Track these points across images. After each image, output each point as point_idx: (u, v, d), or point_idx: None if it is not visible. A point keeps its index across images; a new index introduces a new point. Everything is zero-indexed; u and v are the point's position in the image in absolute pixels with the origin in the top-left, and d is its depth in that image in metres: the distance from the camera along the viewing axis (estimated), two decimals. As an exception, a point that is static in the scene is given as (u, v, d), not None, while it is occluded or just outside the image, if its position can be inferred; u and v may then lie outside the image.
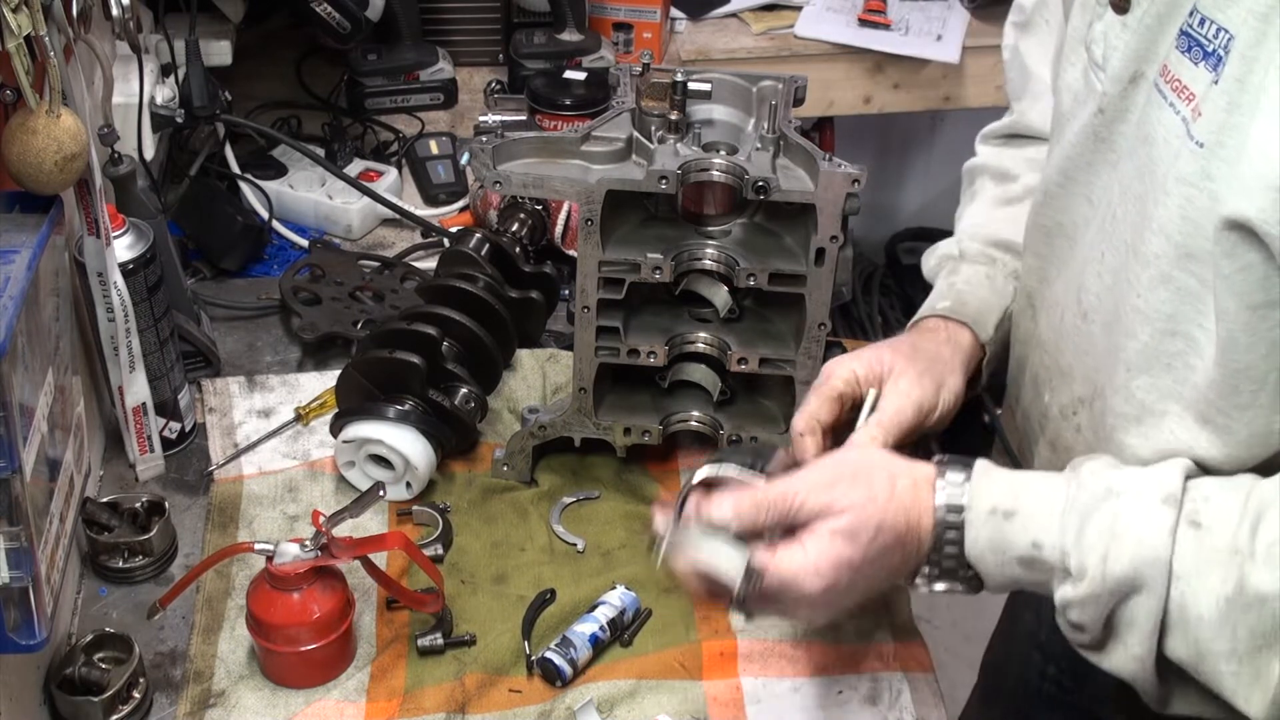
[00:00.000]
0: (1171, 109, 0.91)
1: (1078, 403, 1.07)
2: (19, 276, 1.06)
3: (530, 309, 1.54)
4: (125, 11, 1.29)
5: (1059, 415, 1.10)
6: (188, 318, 1.54)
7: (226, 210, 1.75)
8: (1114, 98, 0.98)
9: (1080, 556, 0.91)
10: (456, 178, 1.90)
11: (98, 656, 1.22)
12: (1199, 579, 0.87)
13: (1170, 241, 0.91)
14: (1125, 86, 0.97)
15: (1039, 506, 0.94)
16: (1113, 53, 0.98)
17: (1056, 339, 1.10)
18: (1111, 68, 0.98)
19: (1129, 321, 0.96)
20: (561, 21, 2.10)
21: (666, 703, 1.21)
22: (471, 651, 1.27)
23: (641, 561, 1.36)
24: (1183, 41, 0.91)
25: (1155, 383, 0.95)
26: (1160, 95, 0.93)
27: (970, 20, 2.41)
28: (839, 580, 0.98)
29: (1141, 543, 0.89)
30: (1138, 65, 0.96)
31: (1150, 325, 0.94)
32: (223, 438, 1.49)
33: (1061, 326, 1.08)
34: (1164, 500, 0.90)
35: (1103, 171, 1.02)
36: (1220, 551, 0.87)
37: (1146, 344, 0.95)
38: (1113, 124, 0.99)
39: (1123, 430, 0.99)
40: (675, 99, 1.28)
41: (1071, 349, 1.07)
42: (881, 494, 0.99)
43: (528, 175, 1.28)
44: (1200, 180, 0.88)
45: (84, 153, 1.13)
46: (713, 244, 1.32)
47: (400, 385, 1.40)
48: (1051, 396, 1.11)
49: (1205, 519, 0.89)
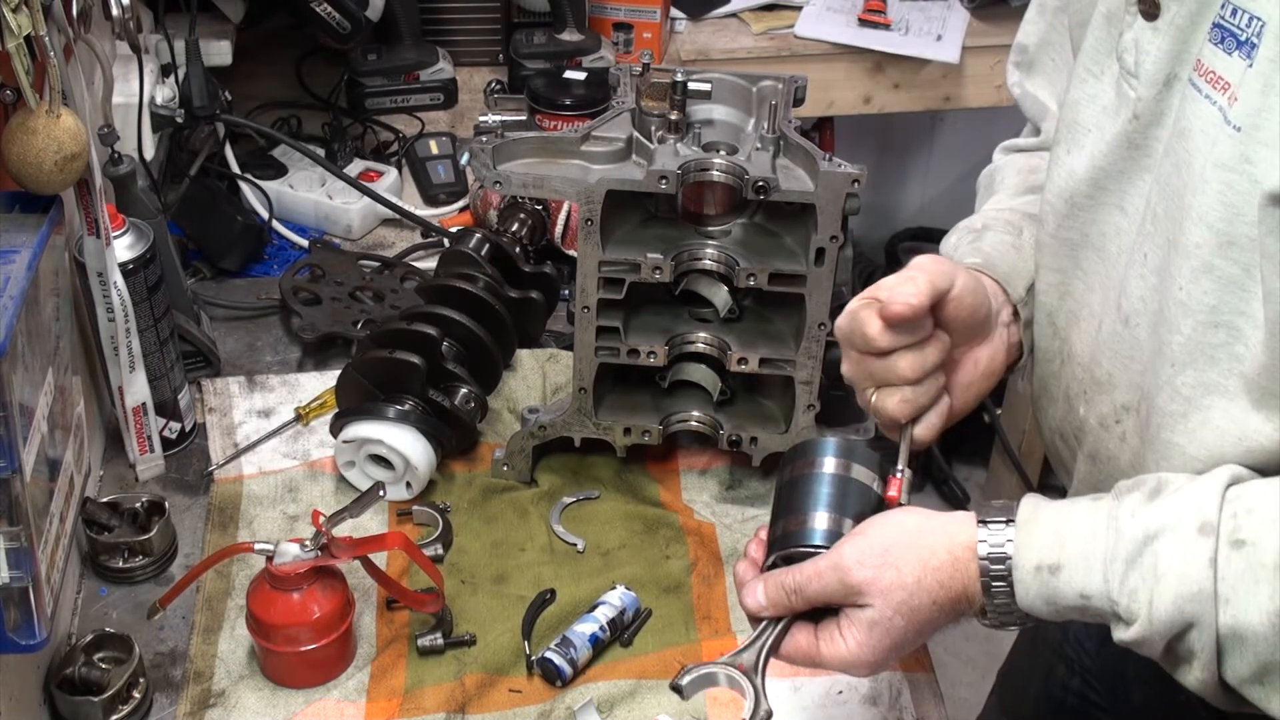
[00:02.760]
0: (1208, 101, 0.90)
1: (1121, 411, 1.05)
2: (19, 276, 1.06)
3: (530, 309, 1.54)
4: (125, 11, 1.29)
5: (1099, 426, 1.08)
6: (188, 318, 1.54)
7: (226, 210, 1.75)
8: (1149, 102, 0.97)
9: (1127, 603, 0.90)
10: (456, 178, 1.90)
11: (98, 656, 1.22)
12: (1249, 598, 0.86)
13: (1211, 230, 0.90)
14: (1160, 89, 0.96)
15: (1082, 559, 0.93)
16: (1145, 58, 0.97)
17: (1092, 350, 1.07)
18: (1145, 73, 0.97)
19: (1172, 316, 0.95)
20: (561, 21, 2.10)
21: (666, 703, 1.21)
22: (471, 651, 1.27)
23: (641, 561, 1.36)
24: (1215, 34, 0.90)
25: (1200, 376, 0.94)
26: (1195, 90, 0.92)
27: (970, 20, 2.40)
28: (887, 657, 0.99)
29: (1183, 580, 0.88)
30: (1172, 67, 0.95)
31: (1193, 317, 0.93)
32: (223, 438, 1.49)
33: (1099, 337, 1.06)
34: (1200, 530, 0.89)
35: (1137, 178, 1.01)
36: (1267, 568, 0.86)
37: (1190, 337, 0.94)
38: (1148, 128, 0.98)
39: (1169, 429, 0.97)
40: (675, 99, 1.28)
41: (1111, 357, 1.05)
42: (910, 577, 0.96)
43: (528, 175, 1.28)
44: (1239, 164, 0.87)
45: (84, 153, 1.13)
46: (713, 244, 1.32)
47: (400, 385, 1.40)
48: (1088, 409, 1.09)
49: (1249, 534, 0.87)
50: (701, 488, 1.46)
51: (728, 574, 1.35)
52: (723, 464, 1.48)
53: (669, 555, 1.37)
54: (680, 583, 1.34)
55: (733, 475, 1.47)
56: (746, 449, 1.41)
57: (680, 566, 1.36)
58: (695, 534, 1.40)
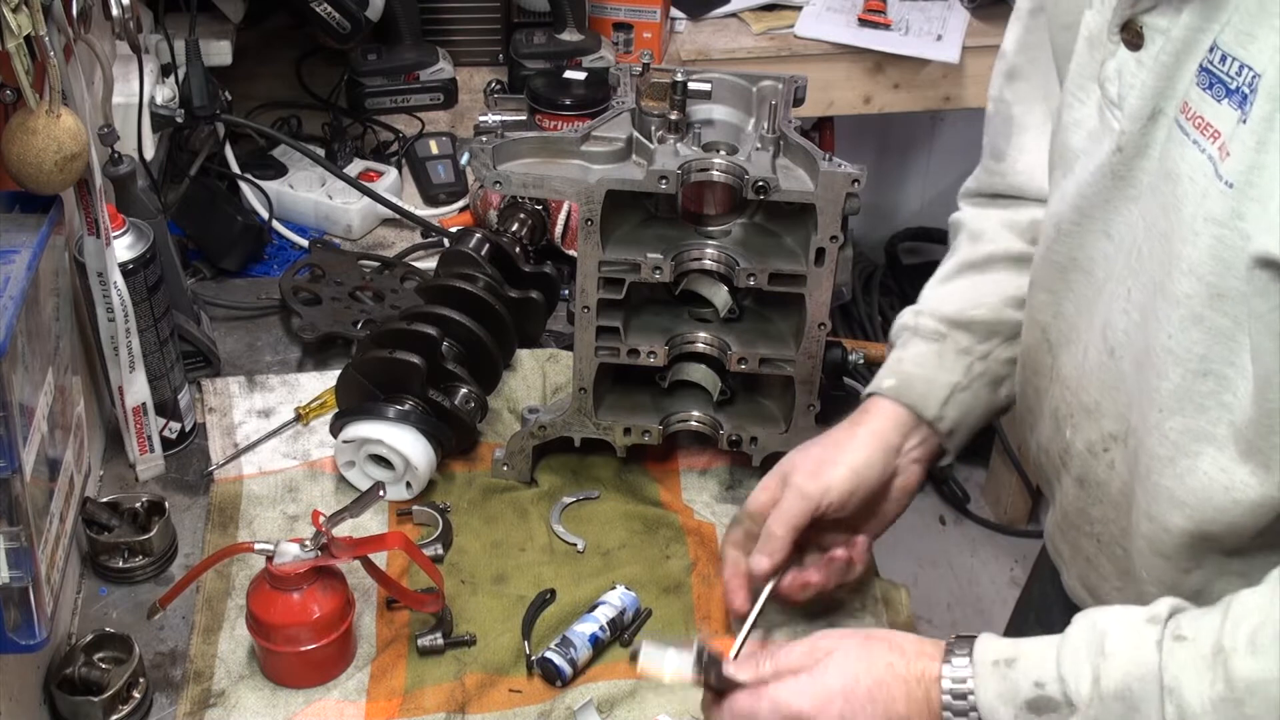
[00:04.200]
0: (1196, 147, 0.90)
1: (1109, 439, 1.06)
2: (19, 276, 1.06)
3: (530, 309, 1.54)
4: (125, 11, 1.29)
5: (1086, 452, 1.09)
6: (188, 318, 1.54)
7: (226, 210, 1.75)
8: (1133, 135, 0.97)
9: (1076, 683, 0.92)
10: (456, 178, 1.90)
11: (98, 656, 1.22)
12: (1190, 688, 0.87)
13: (1201, 281, 0.90)
14: (1144, 124, 0.96)
15: (1036, 648, 0.95)
16: (1129, 91, 0.97)
17: (1079, 375, 1.08)
18: (1129, 106, 0.97)
19: (1160, 362, 0.95)
20: (561, 21, 2.10)
21: (666, 703, 1.21)
22: (471, 651, 1.27)
23: (641, 561, 1.36)
24: (1203, 78, 0.89)
25: (1188, 423, 0.95)
26: (1182, 133, 0.91)
27: (970, 20, 2.41)
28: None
29: (1131, 659, 0.90)
30: (1156, 102, 0.95)
31: (1182, 366, 0.93)
32: (223, 438, 1.49)
33: (1085, 363, 1.07)
34: (1149, 620, 0.91)
35: (1122, 207, 1.00)
36: (1205, 657, 0.87)
37: (1179, 385, 0.94)
38: (1132, 160, 0.98)
39: (1158, 472, 0.98)
40: (675, 99, 1.28)
41: (1098, 385, 1.05)
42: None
43: (528, 175, 1.28)
44: (1230, 220, 0.87)
45: (84, 153, 1.13)
46: (713, 244, 1.32)
47: (400, 385, 1.40)
48: (1074, 433, 1.10)
49: (1188, 632, 0.89)
50: (701, 488, 1.46)
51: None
52: (723, 464, 1.48)
53: (669, 555, 1.37)
54: (680, 583, 1.34)
55: (733, 475, 1.47)
56: (746, 449, 1.41)
57: (680, 566, 1.36)
58: (695, 534, 1.40)
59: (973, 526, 3.12)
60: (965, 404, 1.25)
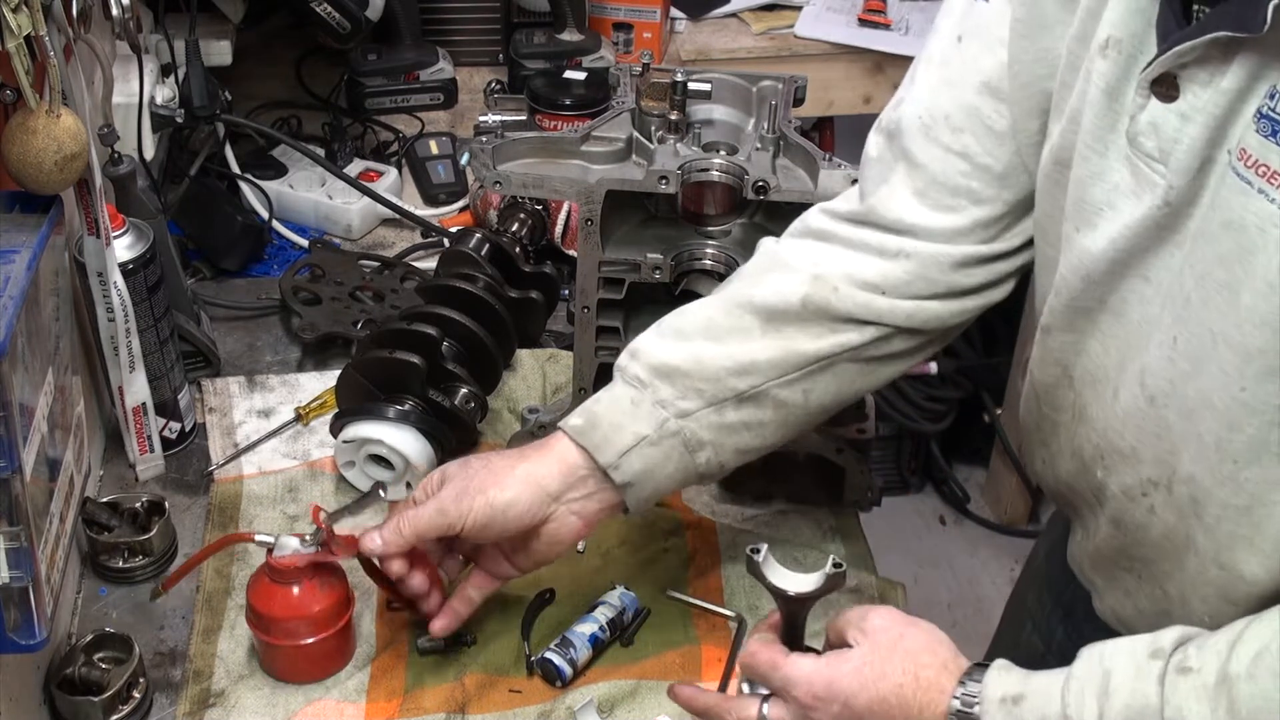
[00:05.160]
0: (1263, 196, 0.86)
1: (1149, 485, 1.03)
2: (19, 276, 1.06)
3: (530, 309, 1.54)
4: (125, 11, 1.29)
5: (1122, 495, 1.06)
6: (188, 318, 1.54)
7: (226, 210, 1.75)
8: (1182, 189, 0.93)
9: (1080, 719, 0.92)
10: (456, 178, 1.90)
11: (98, 656, 1.22)
12: (1193, 716, 0.87)
13: (1278, 334, 0.88)
14: (1194, 176, 0.92)
15: (1044, 686, 0.95)
16: (1174, 145, 0.92)
17: (1109, 418, 1.05)
18: (1176, 162, 0.92)
19: (1232, 414, 0.93)
20: (561, 21, 2.10)
21: (667, 703, 1.21)
22: (471, 652, 1.26)
23: (641, 561, 1.36)
24: (1264, 126, 0.86)
25: (1266, 474, 0.94)
26: (1243, 181, 0.88)
27: (970, 20, 2.40)
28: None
29: (1133, 693, 0.90)
30: (1207, 153, 0.91)
31: (1259, 417, 0.92)
32: (223, 438, 1.49)
33: (1117, 406, 1.04)
34: (1151, 654, 0.91)
35: (1163, 252, 0.97)
36: (1209, 687, 0.87)
37: (1254, 436, 0.93)
38: (1180, 210, 0.94)
39: (1231, 521, 0.97)
40: (675, 99, 1.28)
41: (1134, 431, 1.03)
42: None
43: (528, 175, 1.28)
44: None
45: (84, 153, 1.13)
46: (713, 244, 1.32)
47: (400, 385, 1.40)
48: (1108, 475, 1.07)
49: (1194, 662, 0.89)
50: (701, 488, 1.46)
51: (726, 572, 1.35)
52: (723, 464, 1.48)
53: (667, 548, 1.37)
54: (679, 582, 1.34)
55: (733, 475, 1.47)
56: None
57: (679, 563, 1.36)
58: (694, 527, 1.40)
59: (973, 526, 3.12)
60: (652, 460, 1.16)
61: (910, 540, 3.05)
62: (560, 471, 1.17)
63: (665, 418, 1.15)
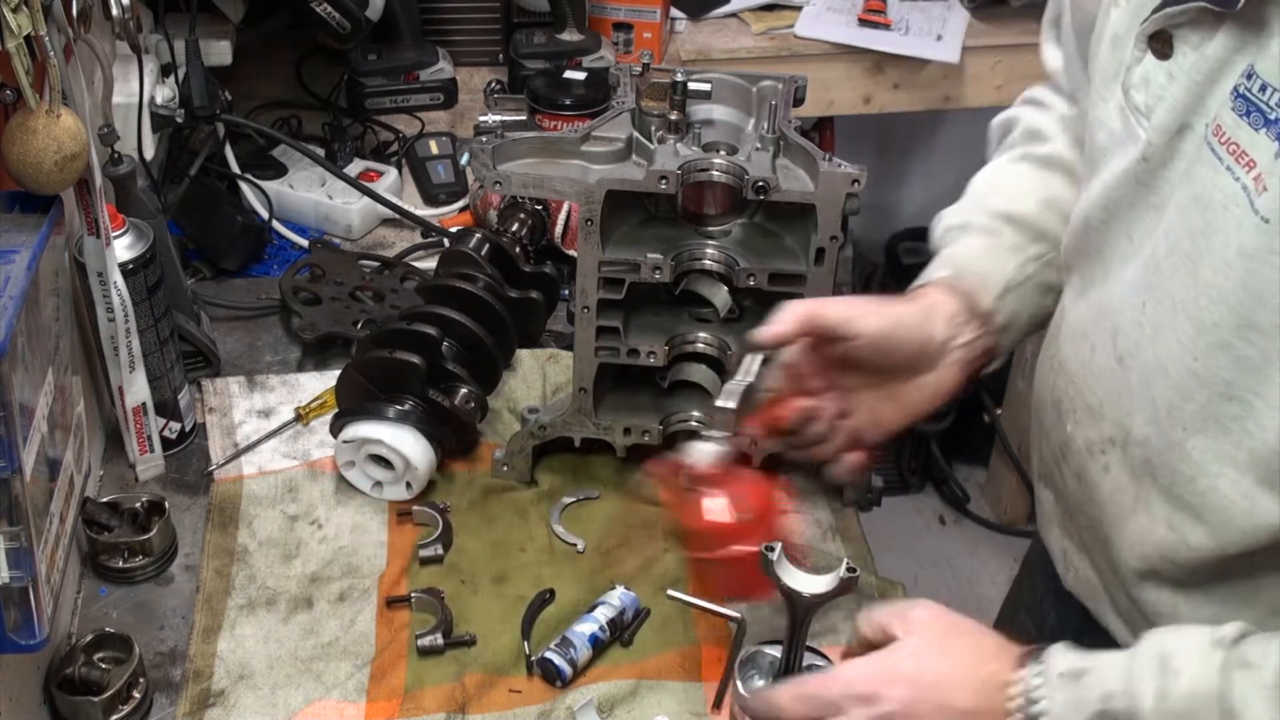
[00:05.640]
0: (1229, 174, 0.89)
1: (1107, 443, 1.06)
2: (19, 276, 1.06)
3: (530, 309, 1.54)
4: (125, 11, 1.29)
5: (1084, 450, 1.09)
6: (188, 318, 1.54)
7: (226, 210, 1.75)
8: (1159, 147, 0.96)
9: (1141, 700, 0.91)
10: (456, 178, 1.90)
11: (98, 656, 1.22)
12: (1252, 716, 0.87)
13: (1232, 312, 0.90)
14: (1171, 137, 0.95)
15: (1107, 663, 0.95)
16: (1158, 103, 0.96)
17: (1083, 372, 1.08)
18: (1157, 118, 0.96)
19: (1185, 383, 0.95)
20: (561, 21, 2.10)
21: (666, 703, 1.21)
22: (471, 651, 1.27)
23: (641, 561, 1.36)
24: (1240, 104, 0.89)
25: (1212, 444, 0.95)
26: (1214, 155, 0.91)
27: (970, 20, 2.40)
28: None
29: (1195, 679, 0.90)
30: (1185, 118, 0.94)
31: (1207, 389, 0.93)
32: (223, 438, 1.49)
33: (1092, 363, 1.07)
34: (1215, 643, 0.91)
35: (1145, 213, 1.00)
36: (1269, 686, 0.87)
37: (1203, 406, 0.94)
38: (1157, 170, 0.98)
39: (1180, 488, 0.98)
40: (675, 99, 1.28)
41: (1102, 389, 1.05)
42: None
43: (528, 175, 1.28)
44: (1265, 255, 0.87)
45: (84, 153, 1.13)
46: (713, 244, 1.32)
47: (400, 385, 1.40)
48: (1075, 428, 1.10)
49: (1255, 659, 0.89)
50: (701, 488, 1.46)
51: (728, 574, 1.35)
52: (723, 464, 1.48)
53: (667, 548, 1.37)
54: (679, 582, 1.34)
55: (733, 475, 1.47)
56: (747, 449, 1.41)
57: (679, 563, 1.36)
58: (695, 532, 1.40)
59: (973, 526, 3.12)
60: (1017, 303, 1.20)
61: (910, 540, 3.05)
62: (943, 317, 1.18)
63: (1022, 260, 1.19)
